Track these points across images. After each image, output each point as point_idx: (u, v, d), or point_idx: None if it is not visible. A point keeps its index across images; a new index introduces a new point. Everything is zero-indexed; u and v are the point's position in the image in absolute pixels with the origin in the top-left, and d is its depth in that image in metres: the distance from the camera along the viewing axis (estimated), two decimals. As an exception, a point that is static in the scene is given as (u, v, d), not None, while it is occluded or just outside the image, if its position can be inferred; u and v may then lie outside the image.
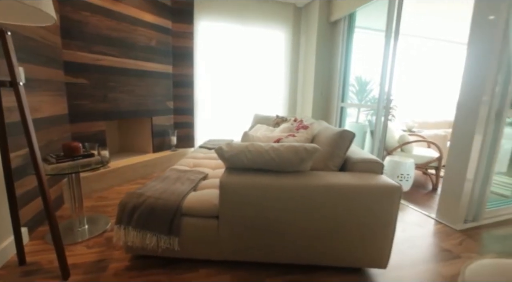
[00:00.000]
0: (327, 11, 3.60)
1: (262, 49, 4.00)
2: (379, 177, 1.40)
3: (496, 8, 1.77)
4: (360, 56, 3.47)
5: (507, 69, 1.87)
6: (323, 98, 3.75)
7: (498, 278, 0.78)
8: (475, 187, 2.01)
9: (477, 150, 1.93)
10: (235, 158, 1.38)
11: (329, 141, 1.55)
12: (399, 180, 2.72)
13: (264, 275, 1.43)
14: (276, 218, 1.37)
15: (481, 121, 1.88)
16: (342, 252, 1.41)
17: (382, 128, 2.82)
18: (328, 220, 1.37)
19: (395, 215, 1.34)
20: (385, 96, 2.79)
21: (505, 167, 2.70)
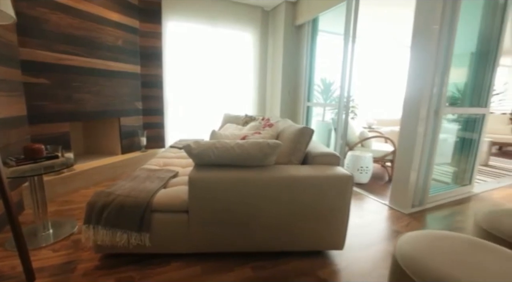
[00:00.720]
0: (292, 15, 3.79)
1: (231, 50, 4.09)
2: (335, 168, 1.57)
3: (432, 18, 2.03)
4: (324, 58, 3.71)
5: (442, 71, 2.15)
6: (290, 98, 3.94)
7: (418, 240, 0.96)
8: (419, 176, 2.29)
9: (420, 144, 2.21)
10: (203, 154, 1.46)
11: (291, 137, 1.69)
12: (359, 173, 2.97)
13: (233, 264, 1.53)
14: (243, 209, 1.47)
15: (422, 118, 2.15)
16: (304, 237, 1.55)
17: (343, 125, 3.06)
18: (291, 209, 1.50)
19: (348, 200, 1.51)
20: (346, 96, 3.02)
21: (449, 158, 3.07)
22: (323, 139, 3.68)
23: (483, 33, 2.64)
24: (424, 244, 0.96)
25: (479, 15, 2.61)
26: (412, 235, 1.04)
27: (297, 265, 1.53)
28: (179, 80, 3.86)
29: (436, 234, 1.04)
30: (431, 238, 1.01)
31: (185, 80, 3.90)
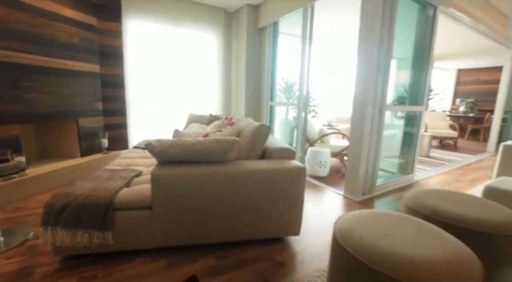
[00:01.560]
0: (255, 18, 3.93)
1: (196, 51, 4.12)
2: (290, 162, 1.72)
3: (373, 26, 2.30)
4: (286, 59, 3.91)
5: (383, 73, 2.44)
6: (254, 98, 4.08)
7: (353, 218, 1.13)
8: (368, 167, 2.56)
9: (367, 138, 2.47)
10: (165, 152, 1.52)
11: (250, 134, 1.81)
12: (319, 167, 3.21)
13: (197, 255, 1.61)
14: (206, 203, 1.56)
15: (368, 116, 2.42)
16: (263, 226, 1.68)
17: (303, 123, 3.27)
18: (251, 201, 1.62)
19: (302, 190, 1.68)
20: (304, 95, 3.24)
21: (395, 151, 3.44)
22: (287, 137, 3.88)
23: (418, 41, 3.02)
24: (358, 221, 1.14)
25: (414, 25, 2.98)
26: (349, 215, 1.22)
27: (257, 252, 1.66)
28: (143, 80, 3.80)
29: (369, 212, 1.23)
30: (365, 216, 1.19)
31: (149, 80, 3.84)
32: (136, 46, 3.68)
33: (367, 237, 0.99)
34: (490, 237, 1.15)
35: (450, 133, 5.85)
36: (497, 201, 1.91)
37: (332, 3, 3.21)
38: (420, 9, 2.95)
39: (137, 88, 3.77)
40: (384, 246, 0.93)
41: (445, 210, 1.28)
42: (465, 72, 8.64)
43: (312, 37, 3.12)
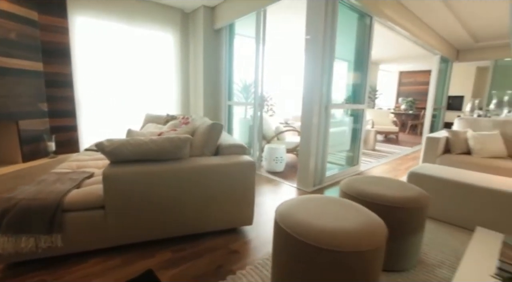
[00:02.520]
0: (211, 19, 4.00)
1: (152, 51, 4.05)
2: (241, 157, 1.85)
3: (316, 30, 2.54)
4: (243, 59, 4.04)
5: (328, 74, 2.70)
6: (212, 98, 4.15)
7: (292, 203, 1.30)
8: (317, 160, 2.81)
9: (315, 134, 2.72)
10: (117, 151, 1.54)
11: (204, 132, 1.90)
12: (275, 162, 3.41)
13: (153, 250, 1.65)
14: (160, 199, 1.61)
15: (315, 113, 2.66)
16: (218, 218, 1.79)
17: (259, 121, 3.44)
18: (205, 195, 1.72)
19: (252, 182, 1.82)
20: (260, 94, 3.40)
21: (342, 145, 3.79)
22: (245, 135, 4.01)
23: (359, 45, 3.38)
24: (295, 205, 1.30)
25: (355, 31, 3.33)
26: (289, 201, 1.38)
27: (212, 242, 1.76)
28: (95, 79, 3.63)
29: (307, 197, 1.41)
30: (302, 200, 1.36)
31: (102, 80, 3.68)
32: (86, 44, 3.50)
33: (301, 217, 1.16)
34: (399, 210, 1.40)
35: (392, 129, 6.55)
36: (417, 183, 2.27)
37: (283, 9, 3.42)
38: (359, 17, 3.30)
39: (88, 88, 3.59)
40: (313, 223, 1.10)
41: (369, 191, 1.52)
42: (405, 74, 9.69)
43: (266, 39, 3.30)
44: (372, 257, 1.04)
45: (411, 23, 3.99)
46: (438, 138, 2.97)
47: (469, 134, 2.97)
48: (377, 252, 1.06)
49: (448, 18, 4.27)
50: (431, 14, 4.07)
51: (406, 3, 3.69)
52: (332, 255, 1.00)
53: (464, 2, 3.65)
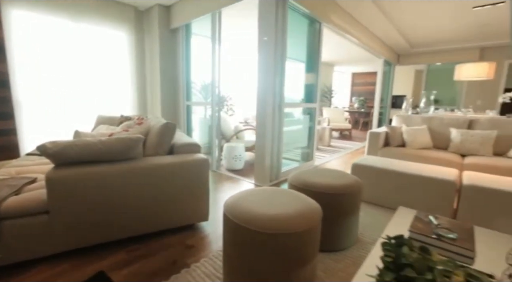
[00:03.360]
0: (167, 18, 3.94)
1: (103, 49, 3.86)
2: (195, 155, 1.91)
3: (268, 32, 2.69)
4: (201, 59, 4.05)
5: (280, 74, 2.86)
6: (170, 98, 4.09)
7: (239, 195, 1.40)
8: (273, 157, 2.97)
9: (270, 132, 2.87)
10: (61, 153, 1.49)
11: (158, 132, 1.91)
12: (234, 161, 3.50)
13: (106, 252, 1.63)
14: (112, 200, 1.60)
15: (269, 112, 2.81)
16: (174, 215, 1.82)
17: (217, 121, 3.50)
18: (160, 193, 1.74)
19: (206, 179, 1.88)
20: (217, 94, 3.46)
21: (298, 142, 4.01)
22: (205, 135, 4.03)
23: (310, 48, 3.62)
24: (242, 197, 1.40)
25: (306, 35, 3.56)
26: (237, 193, 1.48)
27: (169, 239, 1.79)
28: (38, 79, 3.34)
29: (253, 189, 1.52)
30: (250, 192, 1.47)
31: (46, 79, 3.40)
32: (27, 40, 3.21)
33: (245, 207, 1.26)
34: (337, 196, 1.59)
35: (346, 126, 7.06)
36: (359, 174, 2.53)
37: (240, 11, 3.52)
38: (309, 23, 3.54)
39: (30, 88, 3.30)
40: (256, 211, 1.22)
41: (311, 181, 1.68)
42: (357, 75, 10.48)
43: (221, 39, 3.37)
44: (307, 236, 1.19)
45: (356, 30, 4.38)
46: (379, 133, 3.33)
47: (403, 129, 3.38)
48: (312, 232, 1.21)
49: (388, 27, 4.77)
50: (373, 23, 4.51)
51: (351, 13, 4.04)
52: (272, 238, 1.12)
53: (400, 14, 4.12)
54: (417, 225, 1.32)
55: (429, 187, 2.17)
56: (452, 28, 4.82)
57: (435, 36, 5.47)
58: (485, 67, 4.45)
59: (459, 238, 1.21)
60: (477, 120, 3.23)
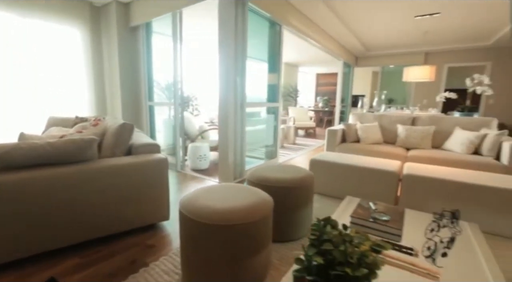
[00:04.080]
0: (125, 16, 3.81)
1: (54, 47, 3.61)
2: (154, 155, 1.91)
3: (228, 33, 2.75)
4: (163, 58, 3.97)
5: (241, 75, 2.94)
6: (131, 98, 3.97)
7: (196, 192, 1.45)
8: (236, 156, 3.04)
9: (233, 131, 2.94)
10: (4, 157, 1.41)
11: (114, 132, 1.88)
12: (199, 160, 3.51)
13: (58, 259, 1.57)
14: (65, 204, 1.55)
15: (231, 111, 2.88)
16: (134, 215, 1.81)
17: (181, 121, 3.48)
18: (118, 194, 1.72)
19: (166, 178, 1.90)
20: (180, 94, 3.44)
21: (267, 141, 4.13)
22: (170, 135, 3.98)
23: (272, 50, 3.75)
24: (198, 193, 1.46)
25: (267, 36, 3.69)
26: (194, 191, 1.53)
27: (129, 241, 1.77)
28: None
29: (211, 186, 1.58)
30: (206, 189, 1.52)
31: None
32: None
33: (200, 203, 1.31)
34: (290, 189, 1.71)
35: (310, 124, 7.38)
36: (317, 168, 2.70)
37: (199, 10, 3.53)
38: (270, 25, 3.66)
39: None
40: (209, 205, 1.28)
41: (267, 177, 1.78)
42: (321, 76, 10.97)
43: (183, 38, 3.36)
44: (259, 226, 1.28)
45: (315, 33, 4.62)
46: (336, 131, 3.57)
47: (358, 126, 3.66)
48: (263, 222, 1.30)
49: (344, 31, 5.09)
50: (330, 26, 4.79)
51: (310, 16, 4.26)
52: (225, 229, 1.19)
53: (354, 20, 4.44)
54: (358, 211, 1.48)
55: (376, 177, 2.41)
56: (400, 34, 5.30)
57: (386, 41, 5.96)
58: (428, 70, 4.97)
59: (391, 220, 1.38)
60: (419, 117, 3.61)
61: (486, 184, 1.96)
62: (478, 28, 4.79)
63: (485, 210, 1.97)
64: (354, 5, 3.81)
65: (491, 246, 1.81)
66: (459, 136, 3.11)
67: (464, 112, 3.70)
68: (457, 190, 2.05)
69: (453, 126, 3.35)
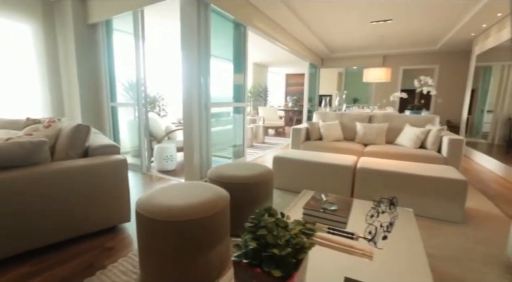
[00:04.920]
0: (83, 13, 3.64)
1: (1, 44, 3.35)
2: (112, 156, 1.88)
3: (191, 33, 2.76)
4: (127, 57, 3.84)
5: (204, 75, 2.97)
6: (92, 99, 3.80)
7: (154, 191, 1.47)
8: (202, 155, 3.06)
9: (197, 131, 2.95)
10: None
11: (69, 134, 1.82)
12: (165, 161, 3.47)
13: (7, 268, 1.50)
14: (11, 210, 1.47)
15: (196, 111, 2.89)
16: (93, 218, 1.77)
17: (145, 121, 3.42)
18: (74, 197, 1.67)
19: (125, 179, 1.88)
20: (143, 94, 3.37)
21: (234, 140, 4.18)
22: (135, 137, 3.88)
23: (236, 50, 3.81)
24: (155, 192, 1.48)
25: (232, 37, 3.74)
26: (152, 190, 1.54)
27: (87, 244, 1.73)
28: None
29: (170, 185, 1.61)
30: (164, 188, 1.55)
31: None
32: None
33: (156, 201, 1.34)
34: (249, 185, 1.79)
35: (280, 124, 7.58)
36: (280, 165, 2.82)
37: (161, 10, 3.49)
38: (235, 27, 3.72)
39: None
40: (166, 203, 1.31)
41: (227, 174, 1.85)
42: (291, 76, 11.27)
43: (145, 36, 3.30)
44: (215, 221, 1.33)
45: (280, 34, 4.77)
46: (300, 129, 3.73)
47: (320, 124, 3.86)
48: (219, 217, 1.36)
49: (308, 34, 5.31)
50: (294, 29, 4.97)
51: (274, 18, 4.39)
52: (180, 225, 1.23)
53: (316, 23, 4.65)
54: (310, 203, 1.59)
55: (334, 172, 2.58)
56: (360, 37, 5.66)
57: (348, 44, 6.31)
58: (384, 71, 5.36)
59: (339, 209, 1.51)
60: (374, 115, 3.90)
61: (423, 174, 2.20)
62: (426, 34, 5.27)
63: (424, 196, 2.21)
64: (313, 5, 3.93)
65: (428, 227, 2.04)
66: (408, 133, 3.43)
67: (414, 111, 4.07)
68: (400, 180, 2.28)
69: (403, 123, 3.68)
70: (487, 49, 4.56)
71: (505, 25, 3.94)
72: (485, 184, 3.23)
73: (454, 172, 2.26)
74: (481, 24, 4.31)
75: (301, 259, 0.76)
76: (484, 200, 2.68)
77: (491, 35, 4.38)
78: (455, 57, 6.39)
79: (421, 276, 0.99)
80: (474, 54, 5.21)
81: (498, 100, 4.10)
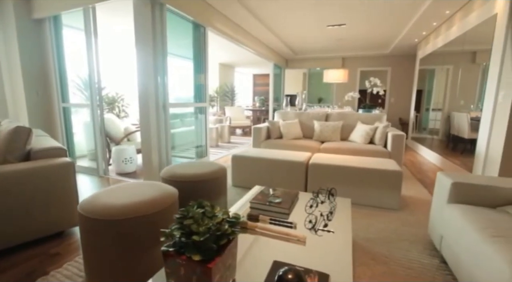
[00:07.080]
0: (26, 7, 3.39)
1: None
2: (58, 159, 1.81)
3: (146, 32, 2.73)
4: (81, 55, 3.65)
5: (162, 75, 2.95)
6: (40, 99, 3.57)
7: (101, 191, 1.46)
8: (161, 155, 3.04)
9: (155, 131, 2.93)
10: None
11: (5, 138, 1.72)
12: (124, 164, 3.38)
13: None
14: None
15: (153, 111, 2.86)
16: (38, 224, 1.69)
17: (100, 123, 3.30)
18: (13, 204, 1.58)
19: (73, 182, 1.83)
20: (98, 95, 3.25)
21: (198, 140, 4.17)
22: (92, 139, 3.71)
23: (196, 50, 3.82)
24: (99, 193, 1.47)
25: (191, 38, 3.74)
26: (99, 191, 1.53)
27: (29, 252, 1.66)
28: None
29: (117, 185, 1.60)
30: (111, 189, 1.54)
31: None
32: None
33: (100, 202, 1.34)
34: (201, 182, 1.84)
35: (246, 123, 7.68)
36: (238, 163, 2.89)
37: (119, 11, 3.38)
38: (194, 27, 3.73)
39: None
40: (110, 203, 1.31)
41: (179, 173, 1.88)
42: (258, 77, 11.43)
43: (97, 34, 3.18)
44: (160, 218, 1.37)
45: (243, 36, 4.86)
46: (261, 128, 3.85)
47: (280, 123, 4.01)
48: (165, 213, 1.39)
49: (270, 36, 5.47)
50: (256, 30, 5.09)
51: (233, 19, 4.46)
52: (119, 223, 1.24)
53: (275, 24, 4.81)
54: (258, 197, 1.69)
55: (288, 168, 2.72)
56: (319, 40, 5.95)
57: (309, 46, 6.59)
58: (342, 72, 5.71)
59: (283, 202, 1.63)
60: (330, 114, 4.15)
61: (365, 166, 2.42)
62: (378, 39, 5.71)
63: (367, 187, 2.43)
64: (269, 5, 4.02)
65: (369, 215, 2.26)
66: (360, 129, 3.71)
67: (366, 109, 4.40)
68: (346, 173, 2.48)
69: (356, 121, 3.96)
70: (427, 54, 5.08)
71: (440, 33, 4.42)
72: (424, 174, 3.61)
73: (393, 164, 2.51)
74: (421, 31, 4.78)
75: (223, 244, 0.84)
76: (421, 188, 3.00)
77: (430, 42, 4.88)
78: (404, 61, 7.00)
79: (342, 255, 1.12)
80: (418, 58, 5.76)
81: (438, 99, 4.59)
